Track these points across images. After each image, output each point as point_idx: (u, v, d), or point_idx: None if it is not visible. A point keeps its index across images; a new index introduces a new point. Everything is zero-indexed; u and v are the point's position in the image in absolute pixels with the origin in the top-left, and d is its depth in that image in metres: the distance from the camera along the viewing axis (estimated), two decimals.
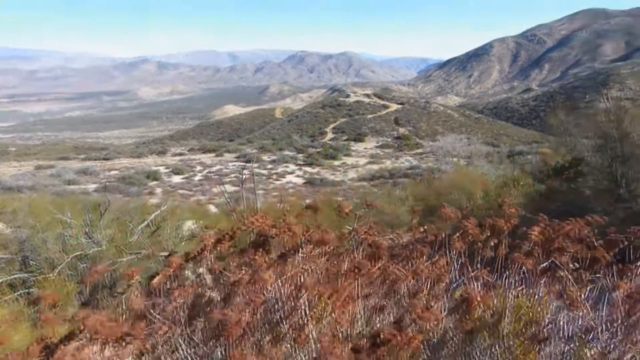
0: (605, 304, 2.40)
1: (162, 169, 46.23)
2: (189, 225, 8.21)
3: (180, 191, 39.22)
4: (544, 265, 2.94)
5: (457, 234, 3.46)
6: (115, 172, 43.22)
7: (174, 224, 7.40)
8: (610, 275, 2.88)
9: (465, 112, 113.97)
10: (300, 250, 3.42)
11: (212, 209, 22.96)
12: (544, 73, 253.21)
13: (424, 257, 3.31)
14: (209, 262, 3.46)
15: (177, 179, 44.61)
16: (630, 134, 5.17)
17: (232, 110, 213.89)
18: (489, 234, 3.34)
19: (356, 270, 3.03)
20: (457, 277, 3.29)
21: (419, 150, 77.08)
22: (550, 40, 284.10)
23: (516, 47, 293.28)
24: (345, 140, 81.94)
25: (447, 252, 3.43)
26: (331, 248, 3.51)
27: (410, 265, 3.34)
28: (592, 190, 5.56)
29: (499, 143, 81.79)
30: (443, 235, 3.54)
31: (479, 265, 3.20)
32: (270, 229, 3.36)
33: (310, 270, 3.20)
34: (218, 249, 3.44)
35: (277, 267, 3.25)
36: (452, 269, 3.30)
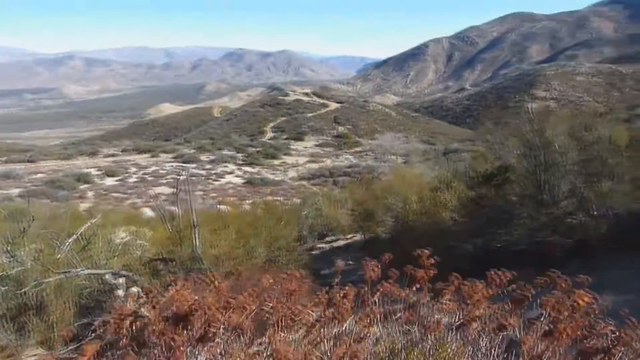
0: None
1: (93, 171, 44.20)
2: (122, 235, 7.87)
3: (114, 194, 37.69)
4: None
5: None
6: (42, 175, 40.87)
7: (106, 236, 7.03)
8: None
9: (403, 111, 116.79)
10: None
11: (148, 212, 22.24)
12: (477, 73, 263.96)
13: None
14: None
15: (110, 181, 42.84)
16: (552, 143, 5.48)
17: (168, 109, 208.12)
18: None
19: None
20: None
21: (359, 149, 78.20)
22: (482, 42, 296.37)
23: (450, 47, 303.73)
24: (285, 139, 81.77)
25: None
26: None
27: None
28: (518, 197, 5.86)
29: (435, 141, 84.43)
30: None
31: None
32: (191, 306, 2.52)
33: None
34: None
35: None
36: None
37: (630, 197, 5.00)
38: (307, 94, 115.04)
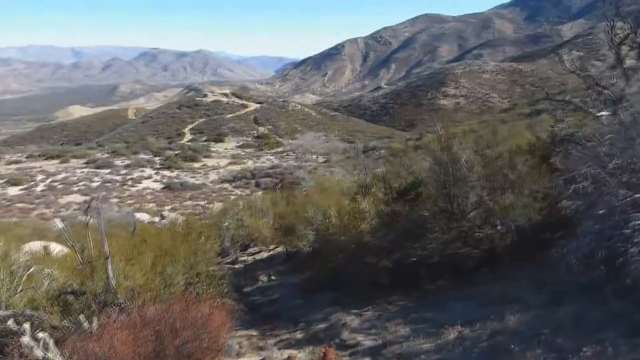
0: None
1: None
2: (25, 260, 7.24)
3: (19, 205, 35.10)
4: None
5: None
6: None
7: (7, 264, 6.39)
8: None
9: (322, 110, 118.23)
10: None
11: (59, 224, 20.85)
12: (392, 72, 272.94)
13: None
14: None
15: (14, 190, 39.86)
16: (459, 159, 5.79)
17: (78, 111, 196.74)
18: None
19: None
20: None
21: (280, 149, 78.28)
22: (395, 42, 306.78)
23: (366, 47, 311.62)
24: (204, 141, 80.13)
25: None
26: None
27: None
28: (430, 211, 6.14)
29: (355, 139, 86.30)
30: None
31: None
32: None
33: None
34: None
35: None
36: None
37: (529, 209, 5.40)
38: (226, 95, 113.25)
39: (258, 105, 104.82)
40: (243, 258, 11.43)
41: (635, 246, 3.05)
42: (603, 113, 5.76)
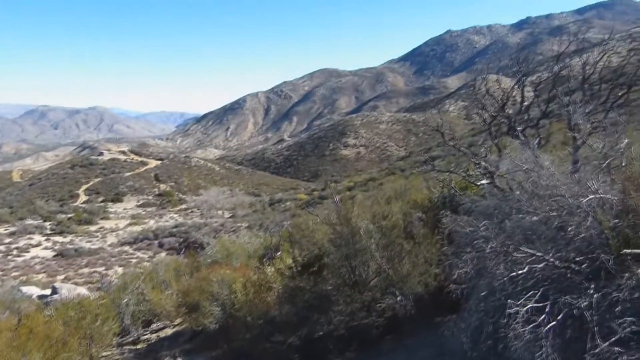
0: None
1: None
2: None
3: None
4: None
5: None
6: None
7: None
8: None
9: (226, 165, 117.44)
10: None
11: None
12: (294, 125, 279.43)
13: None
14: None
15: None
16: (358, 230, 6.03)
17: None
18: None
19: None
20: None
21: (183, 206, 75.98)
22: (295, 96, 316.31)
23: (267, 101, 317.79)
24: (101, 201, 75.95)
25: None
26: None
27: None
28: (333, 284, 6.27)
29: (260, 192, 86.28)
30: None
31: None
32: None
33: None
34: None
35: None
36: None
37: (425, 276, 5.70)
38: (123, 152, 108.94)
39: (159, 162, 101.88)
40: (146, 336, 10.73)
41: (511, 330, 3.32)
42: (483, 182, 6.32)
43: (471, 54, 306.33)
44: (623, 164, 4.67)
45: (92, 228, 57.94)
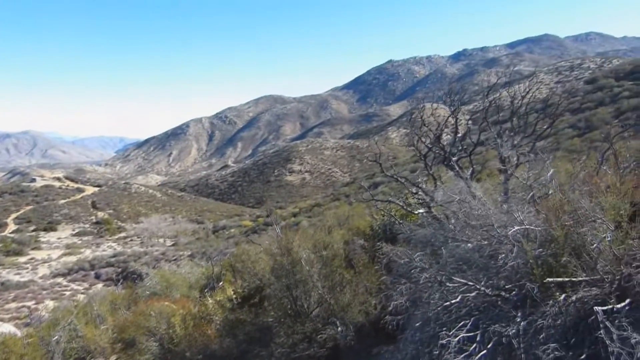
0: None
1: None
2: None
3: None
4: None
5: None
6: None
7: None
8: None
9: (168, 191, 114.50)
10: None
11: None
12: (238, 151, 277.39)
13: None
14: None
15: None
16: (299, 260, 6.01)
17: None
18: None
19: None
20: None
21: (122, 234, 73.16)
22: (240, 121, 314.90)
23: (211, 127, 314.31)
24: (32, 231, 71.86)
25: None
26: None
27: None
28: (274, 315, 6.19)
29: (204, 219, 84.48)
30: None
31: None
32: None
33: None
34: None
35: None
36: None
37: (366, 305, 5.75)
38: (58, 179, 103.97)
39: (96, 189, 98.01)
40: None
41: None
42: (421, 210, 6.50)
43: (412, 83, 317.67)
44: (547, 194, 4.94)
45: (22, 259, 54.63)
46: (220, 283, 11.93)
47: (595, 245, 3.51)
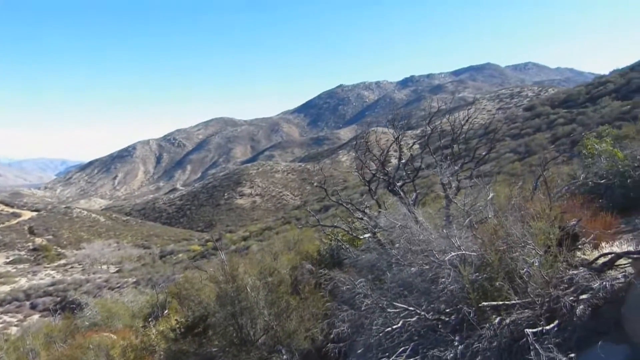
0: None
1: None
2: None
3: None
4: None
5: None
6: None
7: None
8: None
9: (112, 215, 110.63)
10: None
11: None
12: (187, 174, 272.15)
13: None
14: None
15: None
16: (245, 287, 5.94)
17: None
18: None
19: None
20: None
21: (62, 262, 69.81)
22: (189, 144, 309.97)
23: (159, 149, 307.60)
24: None
25: None
26: None
27: None
28: (219, 344, 6.06)
29: (150, 244, 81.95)
30: None
31: None
32: None
33: None
34: None
35: None
36: None
37: (313, 331, 5.73)
38: None
39: (34, 214, 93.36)
40: None
41: None
42: (366, 235, 6.60)
43: (362, 108, 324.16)
44: (485, 219, 5.15)
45: None
46: (166, 311, 11.56)
47: (525, 269, 3.67)
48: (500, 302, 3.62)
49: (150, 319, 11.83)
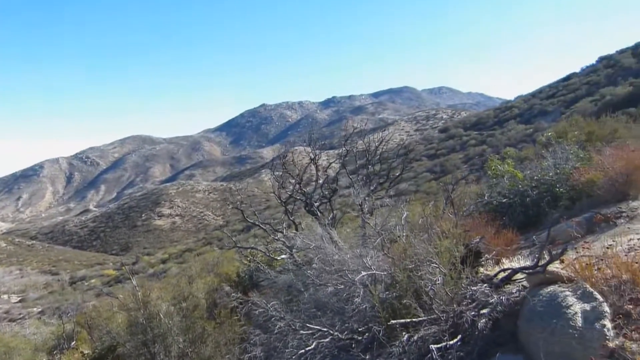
0: None
1: None
2: None
3: None
4: None
5: None
6: None
7: None
8: None
9: (15, 240, 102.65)
10: None
11: None
12: (101, 194, 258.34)
13: None
14: None
15: None
16: (158, 313, 5.71)
17: None
18: None
19: None
20: None
21: None
22: (103, 162, 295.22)
23: (70, 168, 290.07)
24: None
25: None
26: None
27: None
28: None
29: (59, 270, 76.64)
30: None
31: None
32: None
33: None
34: None
35: None
36: None
37: (229, 356, 5.60)
38: None
39: None
40: None
41: None
42: (284, 256, 6.60)
43: (284, 127, 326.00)
44: (396, 239, 5.33)
45: None
46: (73, 343, 10.83)
47: (430, 287, 3.84)
48: (408, 320, 3.75)
49: (55, 352, 11.03)
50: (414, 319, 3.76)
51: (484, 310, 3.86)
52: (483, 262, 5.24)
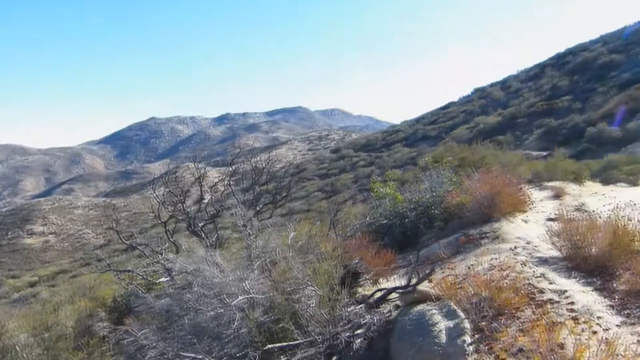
0: None
1: None
2: None
3: None
4: None
5: None
6: None
7: None
8: None
9: None
10: None
11: None
12: None
13: None
14: None
15: None
16: (13, 346, 5.14)
17: None
18: None
19: None
20: None
21: None
22: None
23: None
24: None
25: None
26: None
27: None
28: None
29: None
30: None
31: None
32: None
33: None
34: None
35: None
36: None
37: None
38: None
39: None
40: None
41: None
42: (162, 279, 6.29)
43: (175, 142, 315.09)
44: (279, 261, 5.32)
45: None
46: None
47: (306, 309, 3.87)
48: (285, 343, 3.74)
49: None
50: (291, 342, 3.75)
51: (359, 331, 3.96)
52: (362, 283, 5.41)
